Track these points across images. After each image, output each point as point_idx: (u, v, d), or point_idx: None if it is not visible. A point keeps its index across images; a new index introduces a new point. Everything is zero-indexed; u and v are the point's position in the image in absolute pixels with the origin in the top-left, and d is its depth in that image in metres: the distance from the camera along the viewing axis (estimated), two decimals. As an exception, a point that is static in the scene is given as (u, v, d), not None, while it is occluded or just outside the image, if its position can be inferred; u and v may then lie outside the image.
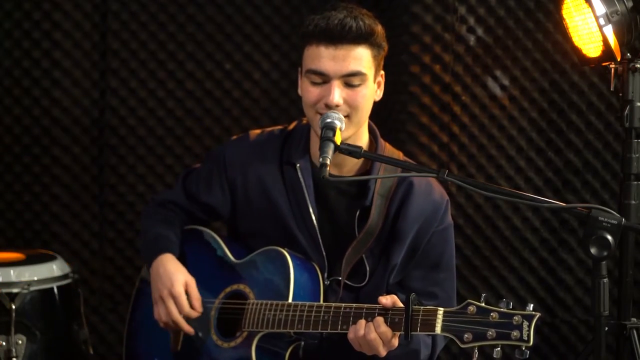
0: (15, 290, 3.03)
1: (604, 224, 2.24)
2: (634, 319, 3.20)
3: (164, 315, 2.71)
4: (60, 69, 4.03)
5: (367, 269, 2.69)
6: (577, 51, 3.24)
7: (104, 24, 4.04)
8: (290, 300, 2.58)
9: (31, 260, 3.21)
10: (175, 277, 2.71)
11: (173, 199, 2.89)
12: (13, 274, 3.07)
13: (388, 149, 2.76)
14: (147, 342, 2.90)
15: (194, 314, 2.71)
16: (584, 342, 3.97)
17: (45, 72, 4.03)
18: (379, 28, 2.59)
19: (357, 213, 2.67)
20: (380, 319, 2.40)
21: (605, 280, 2.28)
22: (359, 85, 2.56)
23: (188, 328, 2.70)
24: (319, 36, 2.54)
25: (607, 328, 2.52)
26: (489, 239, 3.94)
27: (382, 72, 2.65)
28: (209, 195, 2.83)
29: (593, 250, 2.24)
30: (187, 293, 2.71)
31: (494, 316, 2.24)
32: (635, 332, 3.16)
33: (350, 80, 2.55)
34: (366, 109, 2.61)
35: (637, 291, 3.77)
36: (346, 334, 2.46)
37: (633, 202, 3.17)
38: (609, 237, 2.23)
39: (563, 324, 4.00)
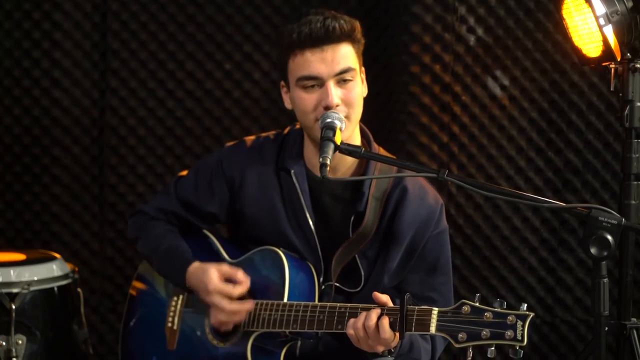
0: (15, 290, 3.03)
1: (604, 224, 2.24)
2: (634, 319, 3.20)
3: (219, 315, 2.63)
4: (60, 69, 4.03)
5: (362, 273, 2.68)
6: (577, 51, 3.24)
7: (104, 24, 4.04)
8: (285, 299, 2.58)
9: (31, 260, 3.21)
10: (205, 277, 2.65)
11: (170, 208, 2.86)
12: (13, 274, 3.07)
13: (382, 153, 2.75)
14: (143, 341, 2.90)
15: (244, 288, 2.63)
16: (584, 342, 3.96)
17: (45, 72, 4.03)
18: (357, 24, 2.61)
19: (352, 217, 2.66)
20: (377, 310, 2.40)
21: (605, 280, 2.28)
22: (351, 80, 2.57)
23: (248, 307, 2.61)
24: (304, 43, 2.54)
25: (607, 328, 2.51)
26: (489, 239, 3.93)
27: (363, 68, 2.66)
28: (210, 204, 2.80)
29: (593, 250, 2.25)
30: (227, 280, 2.65)
31: (488, 316, 2.25)
32: (635, 332, 3.16)
33: (342, 77, 2.56)
34: (360, 104, 2.62)
35: (637, 291, 3.76)
36: (342, 333, 2.46)
37: (633, 202, 3.16)
38: (609, 237, 2.23)
39: (563, 324, 3.99)
